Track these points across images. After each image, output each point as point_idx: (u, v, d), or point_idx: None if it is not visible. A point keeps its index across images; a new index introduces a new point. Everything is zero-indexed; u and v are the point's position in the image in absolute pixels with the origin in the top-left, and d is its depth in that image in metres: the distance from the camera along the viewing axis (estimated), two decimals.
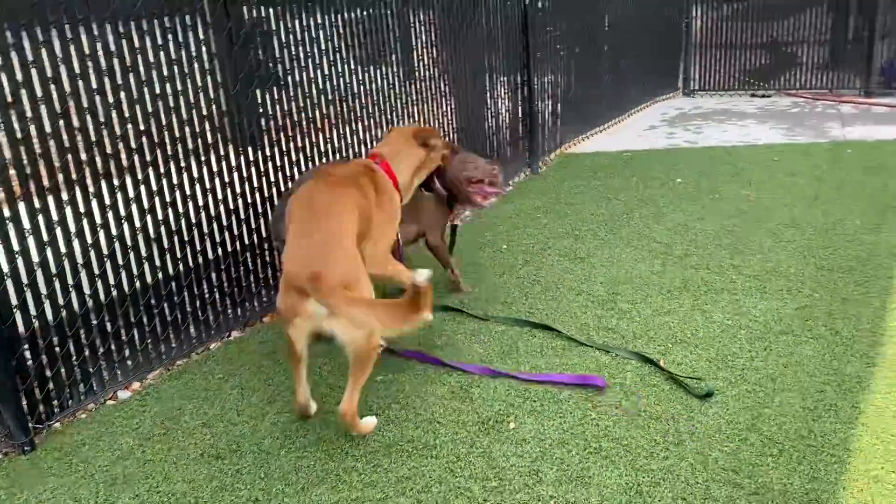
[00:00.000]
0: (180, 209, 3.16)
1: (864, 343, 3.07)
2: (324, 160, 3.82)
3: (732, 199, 5.00)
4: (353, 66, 3.92)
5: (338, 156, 3.90)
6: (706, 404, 2.74)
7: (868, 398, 2.71)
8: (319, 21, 3.70)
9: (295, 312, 2.42)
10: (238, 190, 3.40)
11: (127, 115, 2.87)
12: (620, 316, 3.44)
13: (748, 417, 2.64)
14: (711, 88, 9.48)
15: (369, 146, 4.05)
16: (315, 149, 3.77)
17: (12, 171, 2.52)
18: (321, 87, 3.75)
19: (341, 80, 3.87)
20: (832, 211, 4.65)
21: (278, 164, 3.57)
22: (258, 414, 2.84)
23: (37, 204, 2.62)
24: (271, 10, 3.43)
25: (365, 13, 3.98)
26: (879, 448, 2.44)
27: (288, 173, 3.63)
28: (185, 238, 3.19)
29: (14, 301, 2.57)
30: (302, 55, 3.62)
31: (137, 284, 3.01)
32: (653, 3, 8.07)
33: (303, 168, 3.70)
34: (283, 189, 3.56)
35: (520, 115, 5.72)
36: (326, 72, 3.77)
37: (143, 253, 3.02)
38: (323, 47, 3.73)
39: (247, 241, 3.49)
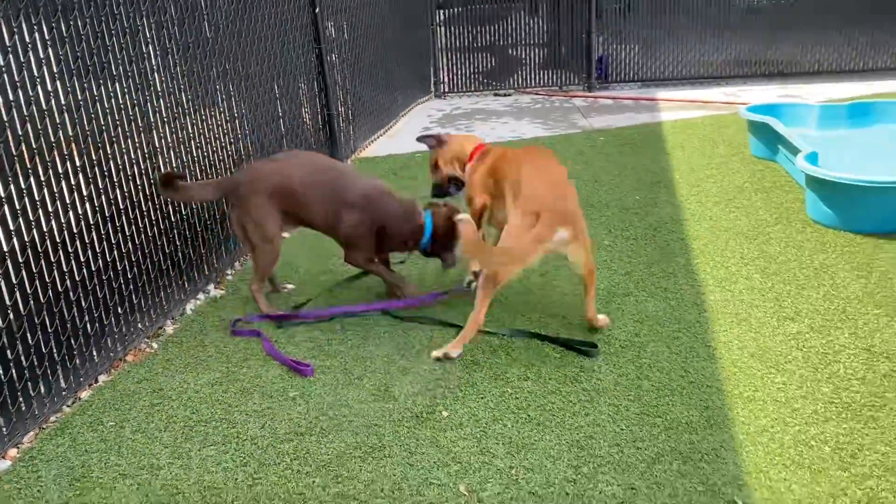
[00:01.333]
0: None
1: (689, 294, 3.69)
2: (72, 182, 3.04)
3: None
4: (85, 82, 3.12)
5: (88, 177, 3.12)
6: (596, 362, 3.12)
7: (715, 337, 3.29)
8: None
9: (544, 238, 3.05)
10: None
11: None
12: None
13: (633, 369, 3.07)
14: (459, 90, 10.23)
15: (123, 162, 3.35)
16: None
17: None
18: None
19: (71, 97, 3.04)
20: (613, 190, 5.39)
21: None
22: (182, 453, 2.66)
23: None
24: None
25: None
26: (741, 375, 2.99)
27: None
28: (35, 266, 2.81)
29: None
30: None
31: None
32: (404, 10, 8.50)
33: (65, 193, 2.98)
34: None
35: (319, 122, 5.77)
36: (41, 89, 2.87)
37: None
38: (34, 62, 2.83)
39: (93, 267, 3.15)
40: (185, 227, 3.82)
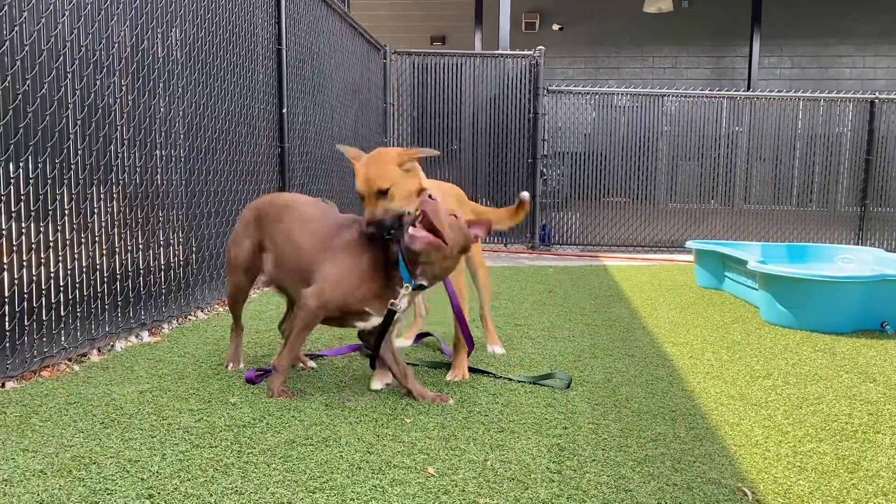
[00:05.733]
0: None
1: (657, 359, 3.53)
2: None
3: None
4: None
5: None
6: (572, 393, 2.89)
7: (690, 387, 3.11)
8: None
9: None
10: None
11: None
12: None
13: (610, 402, 2.84)
14: None
15: None
16: None
17: None
18: None
19: None
20: (566, 300, 5.32)
21: None
22: (101, 437, 2.25)
23: None
24: None
25: None
26: (723, 408, 2.80)
27: None
28: None
29: None
30: None
31: None
32: None
33: None
34: None
35: None
36: None
37: None
38: None
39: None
40: (134, 265, 3.56)
